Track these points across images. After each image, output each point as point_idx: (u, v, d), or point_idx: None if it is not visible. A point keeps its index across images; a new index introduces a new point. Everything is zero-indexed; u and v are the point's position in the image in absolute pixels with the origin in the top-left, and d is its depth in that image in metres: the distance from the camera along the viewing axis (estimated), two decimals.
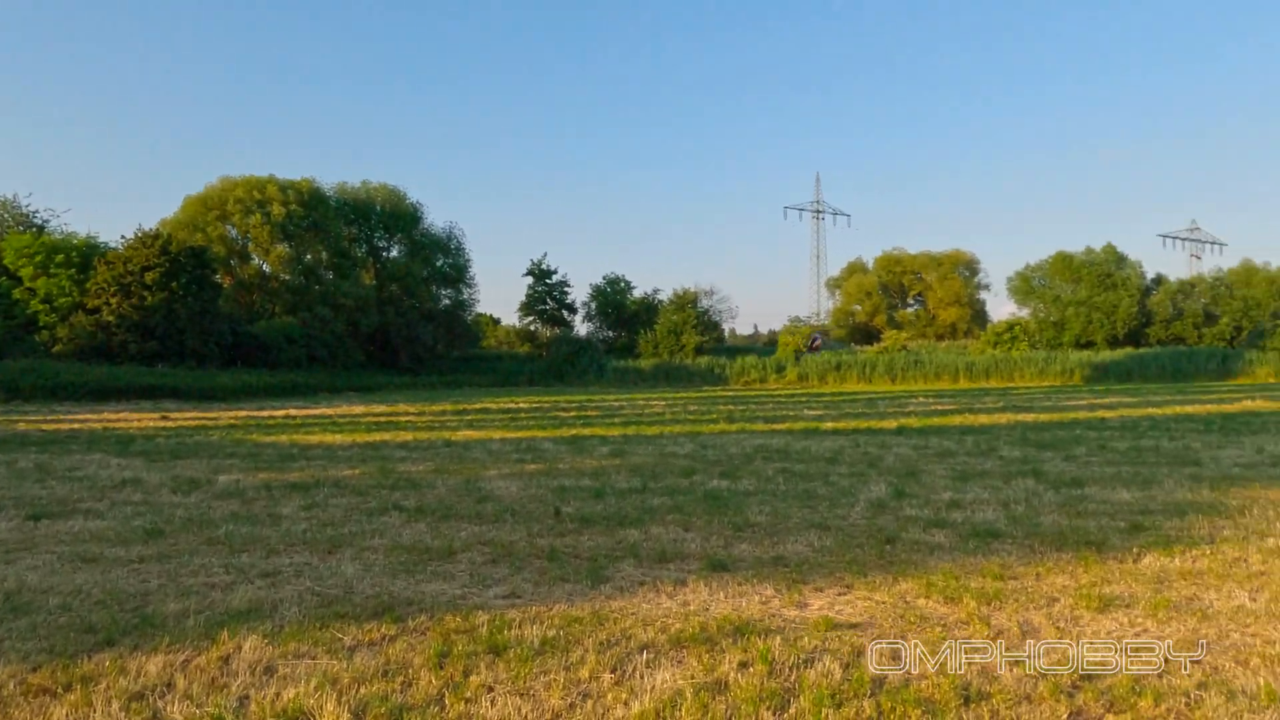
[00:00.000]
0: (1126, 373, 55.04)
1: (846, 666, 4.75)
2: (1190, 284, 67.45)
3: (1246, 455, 13.82)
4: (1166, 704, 4.24)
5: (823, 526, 8.57)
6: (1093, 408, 26.45)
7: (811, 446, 15.77)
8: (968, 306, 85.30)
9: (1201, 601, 5.99)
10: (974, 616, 5.63)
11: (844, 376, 58.01)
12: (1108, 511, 9.18)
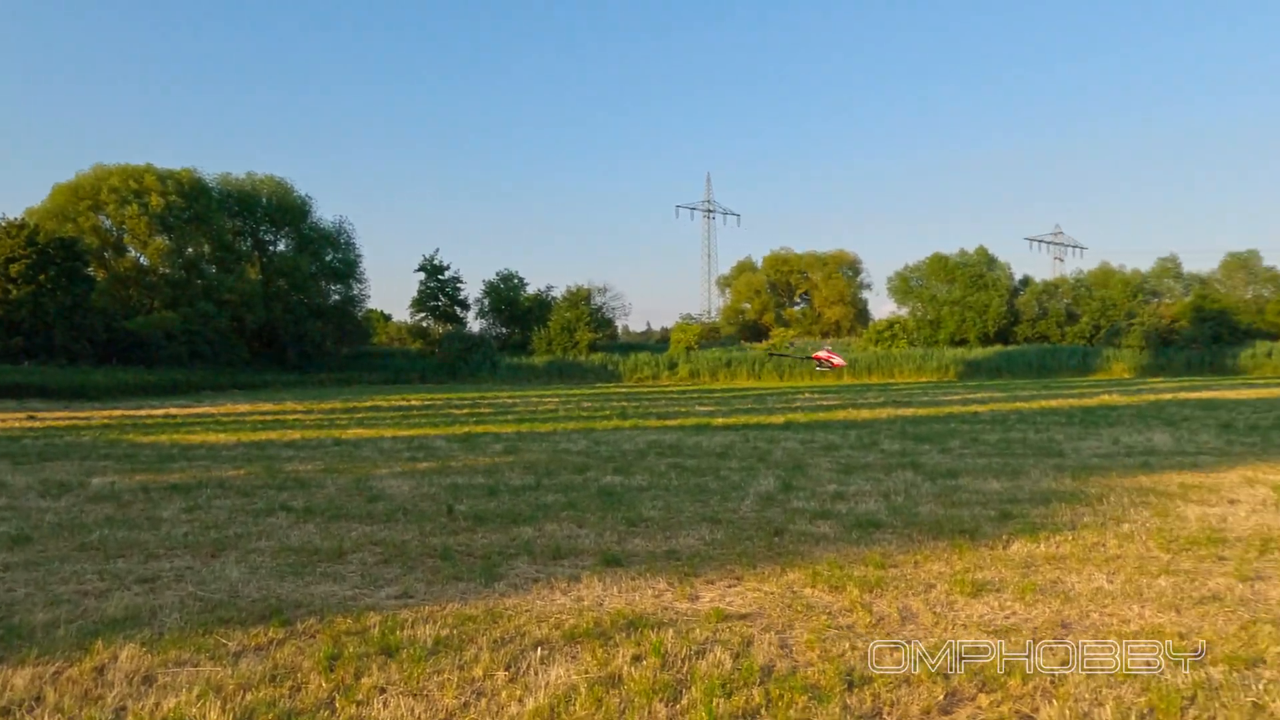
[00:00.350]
0: (997, 369, 57.62)
1: (737, 656, 4.88)
2: (1054, 285, 70.89)
3: (1104, 446, 14.64)
4: (1034, 682, 4.50)
5: (714, 520, 8.73)
6: (966, 402, 27.56)
7: (703, 442, 16.01)
8: (851, 305, 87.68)
9: (1065, 584, 6.36)
10: (857, 604, 5.85)
11: (734, 373, 59.01)
12: (980, 501, 9.62)
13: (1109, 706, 4.15)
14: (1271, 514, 8.69)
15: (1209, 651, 4.94)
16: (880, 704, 4.25)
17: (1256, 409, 22.68)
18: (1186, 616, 5.59)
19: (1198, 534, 7.83)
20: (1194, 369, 57.01)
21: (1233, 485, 10.47)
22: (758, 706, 4.19)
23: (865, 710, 4.18)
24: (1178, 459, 12.94)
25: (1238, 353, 58.18)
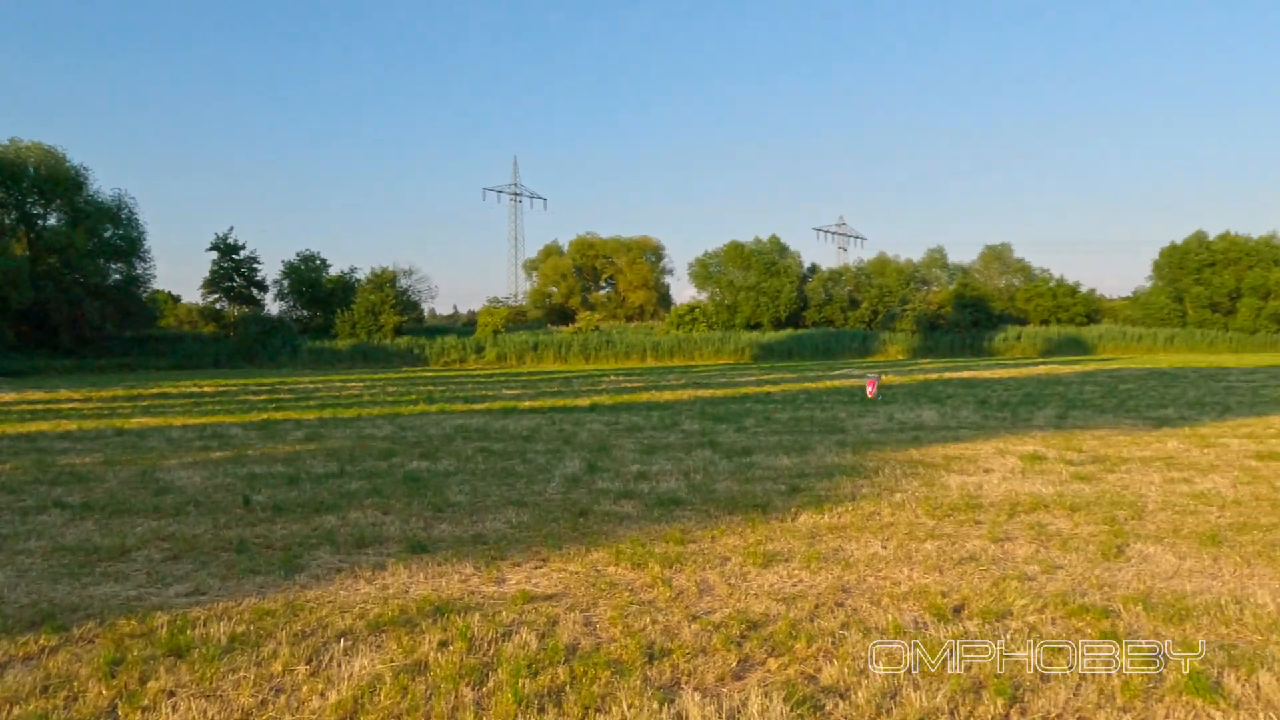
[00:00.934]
0: (788, 351, 60.16)
1: (543, 636, 4.94)
2: (838, 273, 74.75)
3: (881, 423, 15.64)
4: (818, 644, 4.80)
5: (520, 503, 8.74)
6: (760, 383, 28.68)
7: (510, 425, 15.94)
8: (654, 290, 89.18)
9: (845, 552, 6.79)
10: (658, 580, 6.03)
11: (541, 356, 58.81)
12: (771, 477, 10.09)
13: (882, 662, 4.49)
14: (1019, 481, 9.57)
15: (966, 607, 5.42)
16: (679, 674, 4.42)
17: (1008, 387, 24.81)
18: (948, 576, 6.11)
19: (958, 501, 8.53)
20: (957, 351, 61.62)
21: (987, 456, 11.44)
22: (562, 685, 4.27)
23: (665, 681, 4.33)
24: (942, 433, 14.01)
25: (993, 336, 63.33)
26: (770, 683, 4.29)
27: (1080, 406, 18.29)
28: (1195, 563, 6.36)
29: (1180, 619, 5.14)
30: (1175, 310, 64.31)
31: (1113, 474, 9.94)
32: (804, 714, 3.94)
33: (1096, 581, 5.93)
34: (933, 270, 76.85)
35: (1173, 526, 7.44)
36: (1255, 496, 8.60)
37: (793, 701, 4.02)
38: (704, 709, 3.95)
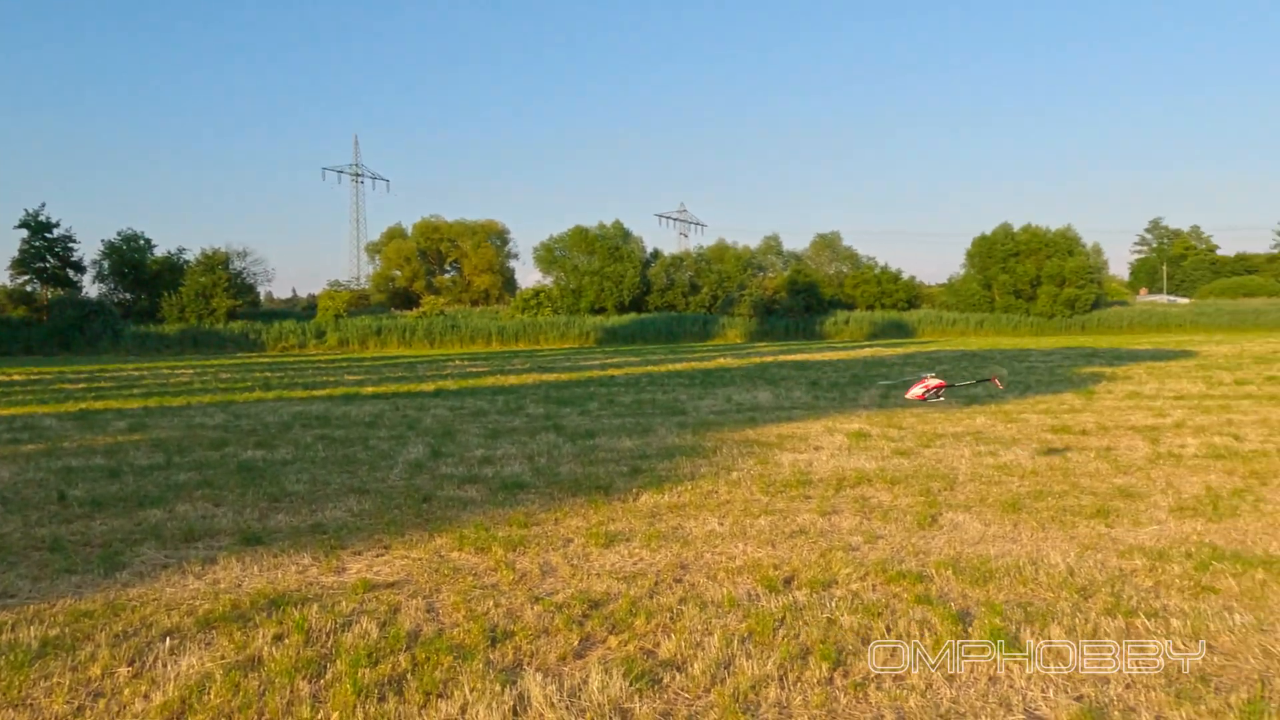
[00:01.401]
0: (631, 335, 60.89)
1: (384, 625, 4.83)
2: (679, 258, 75.97)
3: (719, 404, 16.06)
4: (657, 620, 4.90)
5: (362, 490, 8.52)
6: (604, 367, 28.90)
7: (352, 412, 15.49)
8: (499, 274, 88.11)
9: (684, 530, 6.95)
10: (501, 563, 6.01)
11: (385, 341, 57.30)
12: (614, 459, 10.20)
13: (716, 634, 4.63)
14: (845, 457, 10.03)
15: (796, 578, 5.65)
16: (521, 655, 4.42)
17: (837, 369, 25.92)
18: (780, 550, 6.35)
19: (790, 477, 8.86)
20: (791, 334, 63.90)
21: (817, 434, 11.93)
22: (404, 672, 4.20)
23: (507, 663, 4.33)
24: (776, 413, 14.51)
25: (823, 320, 66.02)
26: (611, 659, 4.36)
27: (902, 386, 19.28)
28: (998, 529, 6.84)
29: (985, 581, 5.52)
30: (985, 297, 68.54)
31: (929, 449, 10.55)
32: (642, 688, 4.02)
33: (913, 549, 6.29)
34: (769, 257, 79.20)
35: (980, 496, 7.98)
36: (1050, 467, 9.31)
37: (632, 676, 4.10)
38: (545, 689, 3.98)
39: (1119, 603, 5.05)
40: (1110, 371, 22.85)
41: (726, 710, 3.80)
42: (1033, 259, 66.51)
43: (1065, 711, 3.75)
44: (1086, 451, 10.16)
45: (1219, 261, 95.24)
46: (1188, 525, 6.87)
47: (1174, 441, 10.78)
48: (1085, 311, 66.14)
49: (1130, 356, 30.11)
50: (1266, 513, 7.21)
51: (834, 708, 3.85)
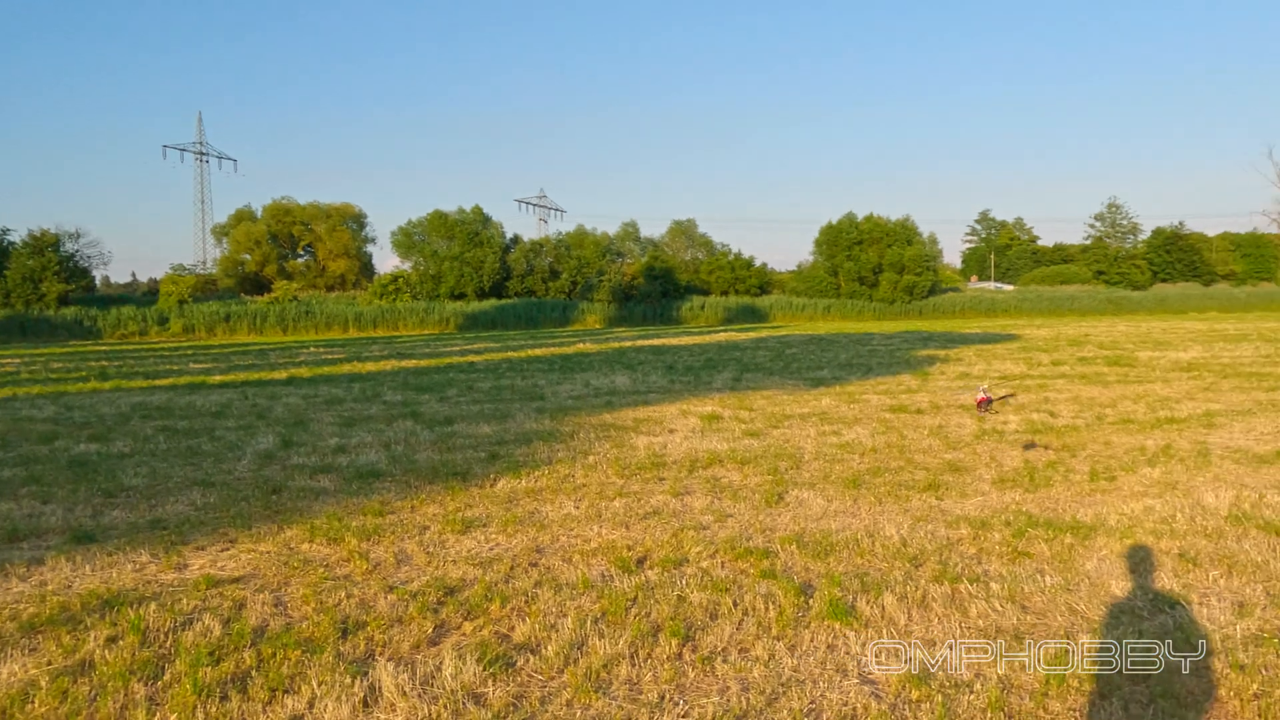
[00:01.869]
0: (492, 321, 60.13)
1: (228, 621, 4.63)
2: (539, 244, 75.46)
3: (578, 389, 16.09)
4: (512, 604, 4.89)
5: (207, 483, 8.11)
6: (464, 353, 28.47)
7: (197, 401, 14.71)
8: (356, 259, 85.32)
9: (541, 514, 6.94)
10: (355, 554, 5.85)
11: (234, 328, 54.51)
12: (472, 445, 10.07)
13: (570, 616, 4.65)
14: (698, 439, 10.23)
15: (649, 558, 5.74)
16: (374, 645, 4.33)
17: (692, 353, 26.37)
18: (634, 531, 6.43)
19: (645, 460, 8.97)
20: (649, 320, 64.56)
21: (672, 417, 12.12)
22: (249, 669, 4.04)
23: (359, 654, 4.23)
24: (633, 397, 14.65)
25: (679, 306, 66.98)
26: (465, 645, 4.32)
27: (753, 370, 19.81)
28: (840, 504, 7.14)
29: (826, 554, 5.75)
30: (831, 283, 71.06)
31: (777, 429, 10.88)
32: (496, 672, 4.00)
33: (760, 526, 6.49)
34: (627, 244, 79.69)
35: (823, 474, 8.29)
36: (888, 444, 9.77)
37: (485, 661, 4.07)
38: (398, 677, 3.91)
39: (946, 570, 5.36)
40: (944, 354, 24.11)
41: (579, 690, 3.83)
42: (875, 247, 69.34)
43: (896, 673, 3.96)
44: (920, 429, 10.71)
45: (1039, 251, 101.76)
46: (1008, 496, 7.33)
47: (997, 419, 11.48)
48: (923, 297, 69.52)
49: (961, 340, 31.86)
50: (1075, 482, 7.78)
51: (682, 682, 3.95)
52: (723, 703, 3.72)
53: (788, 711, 3.64)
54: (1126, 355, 22.25)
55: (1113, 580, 5.17)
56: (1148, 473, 8.08)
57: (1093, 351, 23.77)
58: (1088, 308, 70.60)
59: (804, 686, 3.87)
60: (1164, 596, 4.86)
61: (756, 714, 3.63)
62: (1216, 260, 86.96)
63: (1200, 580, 5.15)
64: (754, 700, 3.74)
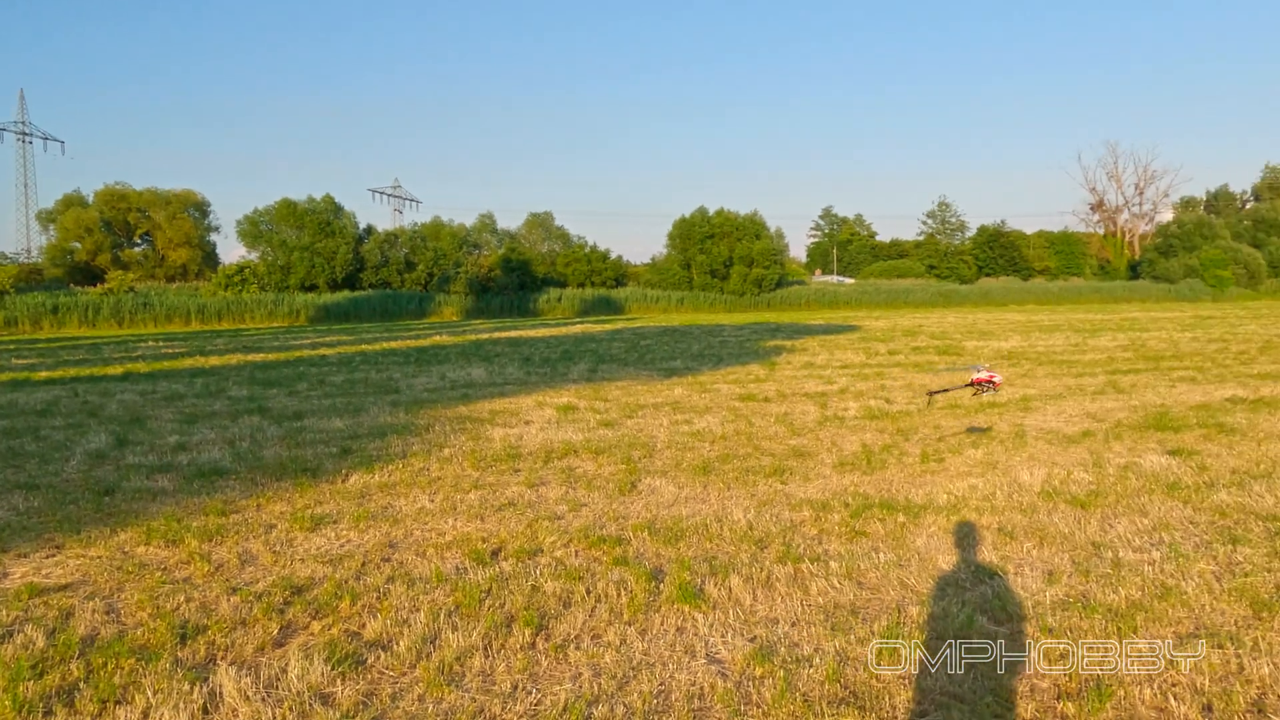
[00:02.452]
0: (345, 313, 58.11)
1: (53, 632, 4.30)
2: (394, 235, 73.44)
3: (434, 382, 15.77)
4: (363, 601, 4.75)
5: (30, 486, 7.51)
6: (315, 346, 27.43)
7: (20, 400, 13.59)
8: (199, 248, 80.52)
9: (394, 508, 6.78)
10: (195, 555, 5.55)
11: (63, 320, 50.53)
12: (323, 440, 9.72)
13: (423, 610, 4.56)
14: (554, 430, 10.21)
15: (503, 549, 5.70)
16: (215, 650, 4.12)
17: (549, 345, 26.29)
18: (489, 523, 6.36)
19: (501, 452, 8.89)
20: (506, 312, 63.90)
21: (528, 409, 12.05)
22: (76, 681, 3.77)
23: (198, 660, 4.02)
24: (490, 389, 14.48)
25: (537, 298, 66.56)
26: (312, 645, 4.17)
27: (609, 361, 19.92)
28: (690, 491, 7.28)
29: (676, 539, 5.86)
30: (684, 276, 72.14)
31: (631, 419, 10.99)
32: (345, 670, 3.89)
33: (613, 514, 6.54)
34: (483, 235, 78.70)
35: (675, 462, 8.43)
36: (737, 432, 10.02)
37: (334, 660, 3.95)
38: (240, 682, 3.73)
39: (789, 551, 5.55)
40: (790, 344, 24.92)
41: (431, 684, 3.77)
42: (726, 241, 70.76)
43: (740, 652, 4.07)
44: (768, 417, 11.04)
45: (878, 246, 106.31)
46: (847, 479, 7.65)
47: (839, 405, 11.97)
48: (770, 290, 71.50)
49: (807, 331, 32.99)
50: (907, 464, 8.19)
51: (535, 671, 3.94)
52: (575, 689, 3.74)
53: (638, 694, 3.69)
54: (955, 345, 23.59)
55: (940, 555, 5.47)
56: (972, 454, 8.60)
57: (925, 341, 25.08)
58: (921, 300, 74.38)
59: (654, 669, 3.93)
60: (984, 568, 5.18)
61: (608, 698, 3.66)
62: (1033, 256, 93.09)
63: (1016, 552, 5.52)
64: (605, 685, 3.77)
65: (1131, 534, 5.84)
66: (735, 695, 3.68)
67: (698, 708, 3.61)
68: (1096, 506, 6.52)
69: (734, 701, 3.63)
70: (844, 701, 3.60)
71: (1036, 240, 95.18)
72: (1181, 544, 5.59)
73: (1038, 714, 3.51)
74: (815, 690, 3.70)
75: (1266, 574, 4.98)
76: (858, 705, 3.57)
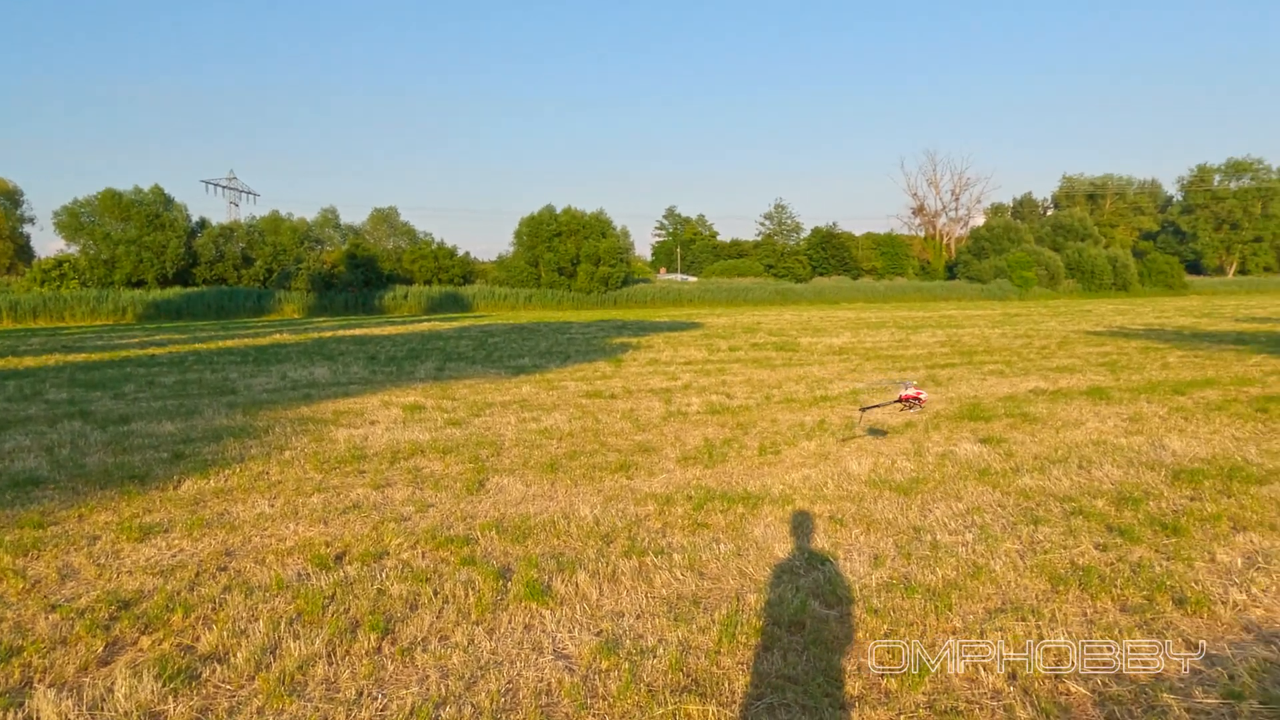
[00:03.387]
0: (178, 311, 54.61)
1: None
2: (230, 229, 69.55)
3: (274, 382, 15.06)
4: (197, 612, 4.50)
5: None
6: (144, 345, 25.67)
7: None
8: (10, 240, 73.84)
9: (231, 515, 6.44)
10: (8, 571, 5.11)
11: None
12: (153, 445, 9.13)
13: (263, 619, 4.36)
14: (400, 430, 9.95)
15: (348, 553, 5.51)
16: (31, 672, 3.80)
17: (395, 343, 25.57)
18: (333, 526, 6.14)
19: (345, 453, 8.59)
20: (350, 309, 61.70)
21: (374, 409, 11.70)
22: None
23: (13, 684, 3.70)
24: (333, 389, 13.96)
25: (382, 295, 64.56)
26: (141, 662, 3.91)
27: (456, 359, 19.56)
28: (538, 488, 7.25)
29: (524, 537, 5.83)
30: (532, 273, 71.73)
31: (479, 418, 10.84)
32: (178, 686, 3.67)
33: (461, 514, 6.44)
34: (326, 230, 75.85)
35: (523, 459, 8.38)
36: (584, 429, 10.06)
37: (166, 676, 3.72)
38: (60, 704, 3.46)
39: (634, 545, 5.63)
40: (636, 341, 25.20)
41: (271, 695, 3.61)
42: (573, 239, 70.81)
43: (587, 646, 4.10)
44: (614, 413, 11.13)
45: (719, 246, 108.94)
46: (690, 472, 7.82)
47: (682, 401, 12.20)
48: (617, 288, 72.09)
49: (652, 328, 33.45)
50: (746, 457, 8.45)
51: (381, 675, 3.84)
52: (422, 692, 3.67)
53: (486, 694, 3.65)
54: (791, 341, 24.47)
55: (777, 544, 5.68)
56: (806, 446, 8.95)
57: (764, 338, 25.89)
58: (760, 298, 76.76)
59: (502, 668, 3.90)
60: (817, 555, 5.41)
61: (455, 699, 3.61)
62: (862, 257, 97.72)
63: (845, 538, 5.79)
64: (453, 686, 3.72)
65: (948, 518, 6.23)
66: (582, 689, 3.70)
67: (545, 704, 3.61)
68: (917, 493, 6.93)
69: (581, 695, 3.65)
70: (686, 690, 3.69)
71: (865, 242, 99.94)
72: (991, 526, 6.01)
73: (864, 691, 3.70)
74: (659, 680, 3.77)
75: (1063, 551, 5.43)
76: (699, 693, 3.66)
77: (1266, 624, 4.30)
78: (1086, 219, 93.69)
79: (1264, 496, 6.57)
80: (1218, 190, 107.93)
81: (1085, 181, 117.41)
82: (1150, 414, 10.43)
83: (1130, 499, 6.57)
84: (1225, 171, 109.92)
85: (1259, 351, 18.42)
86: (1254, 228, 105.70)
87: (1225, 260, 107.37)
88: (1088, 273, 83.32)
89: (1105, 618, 4.38)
